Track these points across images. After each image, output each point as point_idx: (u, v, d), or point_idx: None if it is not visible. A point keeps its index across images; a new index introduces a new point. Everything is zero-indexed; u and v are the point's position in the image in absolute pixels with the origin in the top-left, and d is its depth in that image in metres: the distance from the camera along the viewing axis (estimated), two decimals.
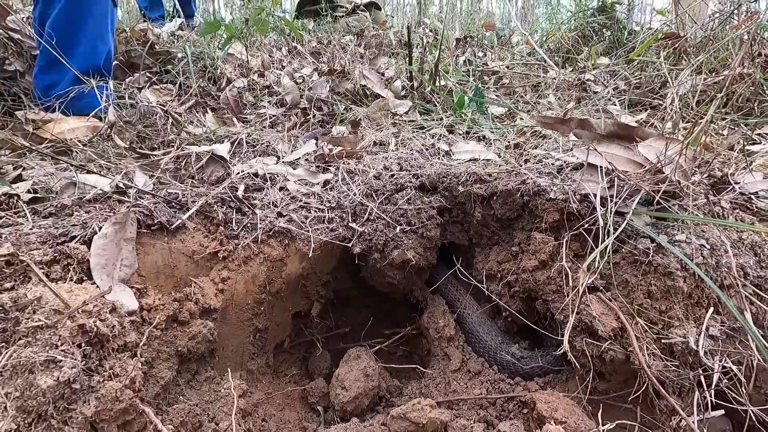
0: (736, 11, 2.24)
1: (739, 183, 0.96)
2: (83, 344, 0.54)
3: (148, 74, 2.12)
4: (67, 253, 0.71)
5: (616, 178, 0.81)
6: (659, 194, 0.77)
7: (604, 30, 2.85)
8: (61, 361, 0.49)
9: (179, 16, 2.75)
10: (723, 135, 1.39)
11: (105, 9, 1.41)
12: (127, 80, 1.83)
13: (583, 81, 2.39)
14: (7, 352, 0.47)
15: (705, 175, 0.98)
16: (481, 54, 2.96)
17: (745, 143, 1.27)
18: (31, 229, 0.79)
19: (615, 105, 2.13)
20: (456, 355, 1.00)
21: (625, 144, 0.85)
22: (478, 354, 0.99)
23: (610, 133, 0.87)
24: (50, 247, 0.72)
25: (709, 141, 1.20)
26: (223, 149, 1.09)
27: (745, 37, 1.86)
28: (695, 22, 2.54)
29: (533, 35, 3.02)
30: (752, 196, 0.93)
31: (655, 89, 2.19)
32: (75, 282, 0.67)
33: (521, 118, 1.83)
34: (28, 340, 0.49)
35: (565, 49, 2.71)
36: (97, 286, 0.68)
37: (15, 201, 0.91)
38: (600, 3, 2.76)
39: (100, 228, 0.77)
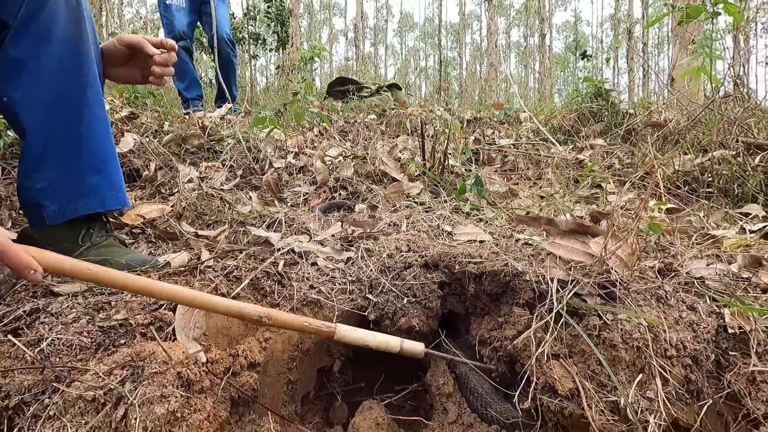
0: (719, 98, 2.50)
1: (686, 268, 1.17)
2: (179, 386, 0.78)
3: (201, 154, 2.52)
4: (159, 318, 0.98)
5: (572, 267, 1.04)
6: (590, 280, 1.00)
7: (602, 111, 3.16)
8: (169, 396, 0.73)
9: (229, 103, 3.25)
10: (697, 216, 1.60)
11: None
12: (186, 163, 2.21)
13: (580, 160, 2.66)
14: (139, 389, 0.72)
15: (657, 261, 1.19)
16: (489, 131, 3.30)
17: (706, 227, 1.48)
18: (131, 297, 1.07)
19: (610, 183, 2.37)
20: (453, 409, 1.18)
21: (582, 239, 1.08)
22: (472, 408, 1.18)
23: (571, 230, 1.11)
24: (148, 313, 0.99)
25: (670, 227, 1.42)
26: (275, 238, 1.38)
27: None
28: (686, 108, 2.82)
29: (538, 116, 3.36)
30: (695, 281, 1.13)
31: (645, 168, 2.44)
32: (167, 339, 0.93)
33: (519, 197, 2.09)
34: (149, 381, 0.74)
35: (565, 129, 3.02)
36: (177, 342, 0.94)
37: None
38: (597, 89, 3.09)
39: None
